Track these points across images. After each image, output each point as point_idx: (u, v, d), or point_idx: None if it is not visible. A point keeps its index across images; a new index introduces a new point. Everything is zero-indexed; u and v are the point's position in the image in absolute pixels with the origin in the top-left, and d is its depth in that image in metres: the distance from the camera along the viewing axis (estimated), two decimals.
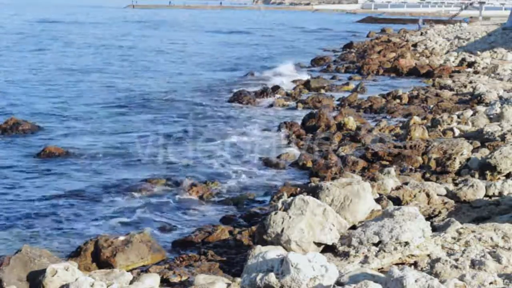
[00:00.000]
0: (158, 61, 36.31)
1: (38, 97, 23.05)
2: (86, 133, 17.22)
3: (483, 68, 27.74)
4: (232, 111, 20.71)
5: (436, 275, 5.58)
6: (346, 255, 6.72)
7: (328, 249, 7.01)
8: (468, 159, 11.21)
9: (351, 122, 16.89)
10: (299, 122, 17.73)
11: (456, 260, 5.90)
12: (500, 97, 19.05)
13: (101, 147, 15.56)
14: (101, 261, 7.80)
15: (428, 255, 6.51)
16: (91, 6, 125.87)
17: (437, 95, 21.48)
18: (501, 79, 24.04)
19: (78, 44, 46.37)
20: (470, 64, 29.27)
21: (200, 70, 32.18)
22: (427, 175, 11.16)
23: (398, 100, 21.12)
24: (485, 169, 10.38)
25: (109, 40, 50.93)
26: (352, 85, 25.52)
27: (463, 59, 30.79)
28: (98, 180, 12.66)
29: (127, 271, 6.82)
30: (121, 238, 8.12)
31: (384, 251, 6.52)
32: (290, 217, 7.09)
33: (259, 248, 6.55)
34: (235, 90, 23.75)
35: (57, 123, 18.48)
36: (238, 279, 6.21)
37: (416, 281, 4.64)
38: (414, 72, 29.34)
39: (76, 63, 34.23)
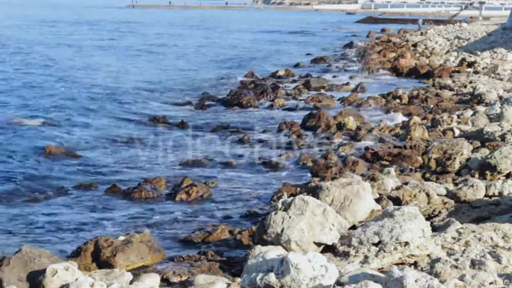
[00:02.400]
0: (176, 59, 36.34)
1: (39, 97, 23.05)
2: (87, 133, 17.22)
3: (483, 68, 27.73)
4: (232, 111, 20.70)
5: (436, 275, 5.58)
6: (346, 255, 6.73)
7: (328, 249, 7.01)
8: (468, 159, 11.21)
9: (351, 122, 16.89)
10: (299, 122, 17.73)
11: (456, 260, 5.90)
12: (500, 97, 19.05)
13: (101, 146, 15.56)
14: (101, 261, 7.80)
15: (428, 255, 6.51)
16: (90, 6, 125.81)
17: (437, 95, 21.48)
18: (501, 79, 24.03)
19: (81, 44, 46.36)
20: (470, 64, 29.24)
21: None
22: (427, 175, 11.16)
23: (398, 100, 21.13)
24: (485, 169, 10.38)
25: (113, 39, 50.97)
26: (352, 85, 25.53)
27: (463, 59, 30.77)
28: (98, 180, 12.65)
29: (127, 271, 6.82)
30: (121, 238, 8.12)
31: (384, 251, 6.52)
32: (290, 217, 7.10)
33: (259, 248, 6.56)
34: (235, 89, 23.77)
35: (57, 123, 18.48)
36: (238, 279, 6.22)
37: (416, 281, 4.64)
38: (414, 72, 29.33)
39: (78, 63, 34.24)
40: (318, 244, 7.03)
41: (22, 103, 21.66)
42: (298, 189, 10.61)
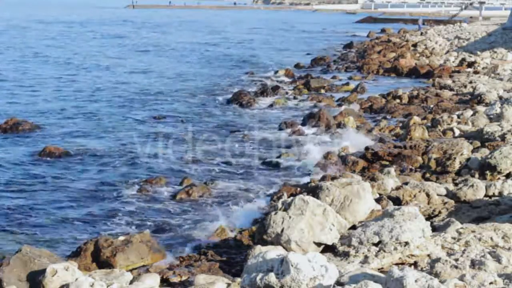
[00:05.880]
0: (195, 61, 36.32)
1: (38, 97, 23.04)
2: (86, 133, 17.22)
3: (483, 68, 27.73)
4: (232, 111, 20.70)
5: (436, 275, 5.58)
6: (346, 255, 6.73)
7: (328, 249, 7.01)
8: (468, 159, 11.22)
9: (351, 122, 16.89)
10: (299, 122, 17.74)
11: (456, 260, 5.89)
12: (500, 97, 19.05)
13: (101, 147, 15.55)
14: (101, 261, 7.81)
15: (428, 255, 6.51)
16: (91, 6, 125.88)
17: (437, 95, 21.47)
18: (501, 79, 24.03)
19: (84, 44, 46.38)
20: (470, 64, 29.25)
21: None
22: (427, 175, 11.16)
23: (398, 100, 21.13)
24: (485, 169, 10.39)
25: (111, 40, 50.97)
26: (352, 85, 25.53)
27: (463, 59, 30.78)
28: (98, 180, 12.66)
29: (127, 271, 6.83)
30: (121, 238, 8.12)
31: (384, 251, 6.52)
32: (290, 217, 7.10)
33: (259, 248, 6.56)
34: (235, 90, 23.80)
35: (57, 123, 18.48)
36: (238, 279, 6.22)
37: (416, 281, 4.64)
38: (414, 72, 29.33)
39: (76, 63, 34.23)
40: (318, 244, 7.03)
41: (20, 104, 21.65)
42: (298, 189, 10.62)
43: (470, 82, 23.34)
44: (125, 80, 28.05)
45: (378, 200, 8.97)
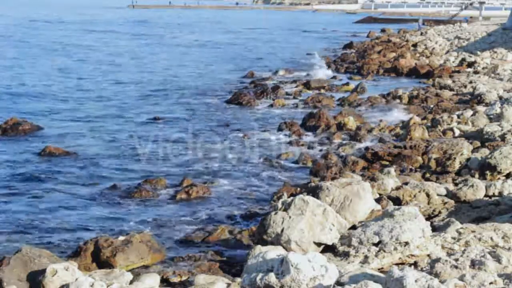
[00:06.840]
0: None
1: (38, 97, 23.04)
2: (86, 133, 17.21)
3: (483, 68, 27.74)
4: (232, 111, 20.70)
5: (436, 275, 5.58)
6: (346, 255, 6.73)
7: (328, 249, 7.02)
8: (468, 159, 11.23)
9: (351, 122, 16.89)
10: (299, 122, 17.74)
11: (456, 260, 5.89)
12: (500, 97, 19.06)
13: (101, 147, 15.56)
14: (101, 261, 7.81)
15: (428, 255, 6.52)
16: (92, 6, 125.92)
17: (437, 95, 21.48)
18: (501, 79, 24.04)
19: (86, 46, 46.39)
20: (470, 64, 29.26)
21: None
22: (427, 175, 11.17)
23: (398, 100, 21.14)
24: (485, 169, 10.39)
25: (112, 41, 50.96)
26: (352, 85, 25.53)
27: (463, 59, 30.79)
28: (98, 180, 12.65)
29: (127, 271, 6.83)
30: (121, 238, 8.13)
31: (384, 251, 6.52)
32: (290, 217, 7.10)
33: (259, 248, 6.56)
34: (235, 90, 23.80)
35: (57, 123, 18.47)
36: (238, 279, 6.22)
37: (416, 281, 4.64)
38: (414, 72, 29.33)
39: (76, 63, 34.24)
40: (318, 244, 7.04)
41: (20, 105, 21.65)
42: (298, 189, 10.62)
43: (470, 82, 23.34)
44: (125, 80, 28.05)
45: (378, 200, 8.98)
